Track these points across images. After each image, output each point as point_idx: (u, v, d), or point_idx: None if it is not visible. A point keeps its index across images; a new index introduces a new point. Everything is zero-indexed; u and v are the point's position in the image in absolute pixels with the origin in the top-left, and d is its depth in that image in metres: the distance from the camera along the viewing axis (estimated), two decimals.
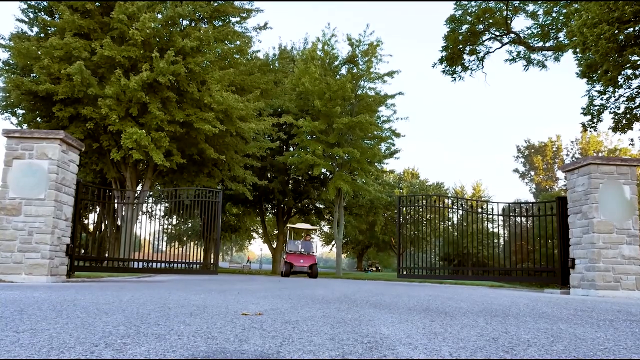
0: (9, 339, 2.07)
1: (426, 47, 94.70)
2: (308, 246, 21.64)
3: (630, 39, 11.68)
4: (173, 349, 1.98)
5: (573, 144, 45.74)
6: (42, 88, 13.70)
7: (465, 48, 21.03)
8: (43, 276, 7.39)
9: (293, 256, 19.94)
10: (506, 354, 2.15)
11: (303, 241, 21.95)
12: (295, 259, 19.73)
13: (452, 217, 14.06)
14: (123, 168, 16.71)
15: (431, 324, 3.17)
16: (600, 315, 4.29)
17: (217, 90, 14.88)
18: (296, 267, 19.17)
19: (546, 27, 19.80)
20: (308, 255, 20.34)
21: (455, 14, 20.29)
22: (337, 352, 2.05)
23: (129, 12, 14.22)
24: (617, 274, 8.20)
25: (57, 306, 3.50)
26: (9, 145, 7.71)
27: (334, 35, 24.13)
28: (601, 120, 14.78)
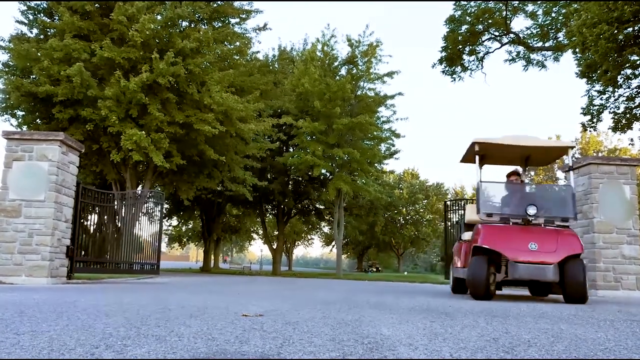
0: (9, 341, 2.07)
1: (426, 48, 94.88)
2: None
3: (629, 38, 11.68)
4: (173, 350, 1.98)
5: (573, 144, 45.77)
6: (41, 90, 13.70)
7: (465, 48, 21.03)
8: (43, 278, 7.38)
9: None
10: (507, 354, 2.15)
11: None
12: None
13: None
14: (123, 169, 16.71)
15: (432, 324, 3.17)
16: (600, 316, 4.29)
17: (216, 92, 14.87)
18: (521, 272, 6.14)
19: (545, 27, 19.81)
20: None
21: (455, 15, 20.29)
22: (338, 353, 2.05)
23: (129, 13, 14.21)
24: (617, 274, 8.20)
25: (58, 308, 3.50)
26: (8, 147, 7.71)
27: (333, 36, 24.15)
28: (601, 120, 14.78)
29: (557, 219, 6.22)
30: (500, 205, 6.66)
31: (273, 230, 39.21)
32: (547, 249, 5.79)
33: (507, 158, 7.56)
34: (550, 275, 5.68)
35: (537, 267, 5.72)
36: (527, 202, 6.32)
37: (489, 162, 7.61)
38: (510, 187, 6.92)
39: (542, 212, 6.28)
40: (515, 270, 5.75)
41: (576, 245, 5.90)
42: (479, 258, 5.88)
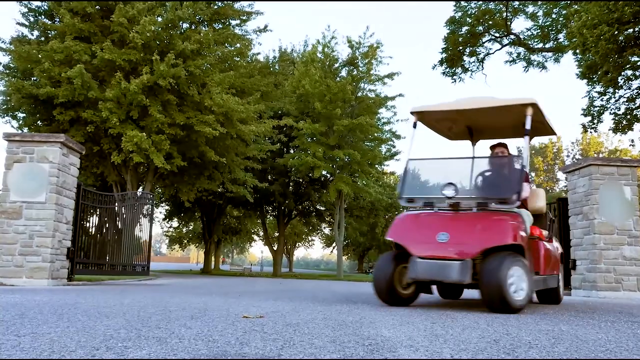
0: (10, 343, 2.07)
1: (426, 49, 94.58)
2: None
3: (630, 40, 11.69)
4: (174, 352, 1.98)
5: (574, 145, 45.75)
6: (42, 91, 13.72)
7: (465, 50, 21.04)
8: (44, 280, 7.39)
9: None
10: (507, 355, 2.15)
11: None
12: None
13: None
14: (124, 171, 16.72)
15: (432, 325, 3.17)
16: (601, 317, 4.29)
17: (217, 93, 14.89)
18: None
19: (546, 28, 19.82)
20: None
21: (455, 16, 20.31)
22: (338, 354, 2.05)
23: (129, 15, 14.24)
24: (618, 275, 8.19)
25: (58, 310, 3.50)
26: (9, 149, 7.72)
27: (334, 38, 24.18)
28: (601, 121, 14.79)
29: (492, 200, 4.64)
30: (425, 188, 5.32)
31: (274, 232, 39.21)
32: (459, 241, 4.36)
33: (460, 130, 6.15)
34: (455, 274, 4.18)
35: (440, 263, 4.29)
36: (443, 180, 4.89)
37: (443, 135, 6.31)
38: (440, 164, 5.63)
39: (472, 192, 4.99)
40: (413, 268, 4.39)
41: (503, 235, 4.35)
42: (386, 255, 4.86)
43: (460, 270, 4.20)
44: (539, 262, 4.92)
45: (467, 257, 4.22)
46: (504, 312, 4.13)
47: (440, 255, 4.35)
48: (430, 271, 4.36)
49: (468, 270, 4.20)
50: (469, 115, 5.56)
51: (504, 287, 4.06)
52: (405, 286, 4.79)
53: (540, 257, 4.94)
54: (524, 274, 4.25)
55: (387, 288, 4.63)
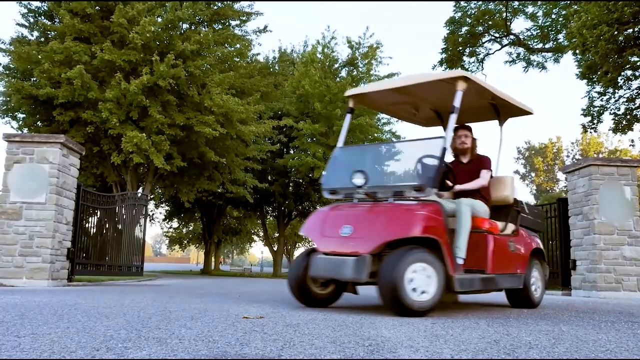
0: (10, 344, 2.07)
1: (426, 49, 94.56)
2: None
3: (629, 40, 11.70)
4: (174, 352, 1.98)
5: (573, 145, 45.74)
6: (42, 92, 13.73)
7: (465, 50, 21.04)
8: (44, 280, 7.39)
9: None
10: (508, 356, 2.15)
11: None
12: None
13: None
14: (124, 172, 16.73)
15: (432, 326, 3.17)
16: (602, 317, 4.29)
17: (217, 94, 14.90)
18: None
19: (546, 28, 19.83)
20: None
21: (455, 16, 20.32)
22: (339, 355, 2.05)
23: (129, 16, 14.25)
24: (618, 275, 8.19)
25: (59, 310, 3.50)
26: (9, 150, 7.73)
27: (333, 38, 24.19)
28: (601, 122, 14.79)
29: (406, 188, 4.07)
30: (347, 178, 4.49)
31: (274, 232, 39.19)
32: (360, 234, 3.89)
33: (428, 115, 5.75)
34: (349, 271, 3.73)
35: (337, 260, 3.88)
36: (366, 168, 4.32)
37: (413, 122, 6.01)
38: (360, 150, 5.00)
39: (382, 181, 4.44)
40: (313, 265, 4.04)
41: (406, 227, 3.83)
42: (303, 251, 4.50)
43: (355, 267, 3.72)
44: (486, 258, 4.38)
45: (365, 253, 3.75)
46: (403, 314, 3.67)
47: (339, 250, 3.95)
48: (327, 268, 3.95)
49: (364, 267, 3.70)
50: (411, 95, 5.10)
51: (398, 287, 3.56)
52: (321, 285, 4.39)
53: (487, 253, 4.39)
54: (433, 272, 3.74)
55: (298, 286, 4.26)
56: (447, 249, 3.92)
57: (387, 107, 5.67)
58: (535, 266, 5.15)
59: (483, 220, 4.50)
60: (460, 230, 4.23)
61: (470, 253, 4.31)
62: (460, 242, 4.18)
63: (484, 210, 4.63)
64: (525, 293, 4.96)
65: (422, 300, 3.70)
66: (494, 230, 4.55)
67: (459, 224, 4.25)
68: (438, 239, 3.88)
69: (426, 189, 3.94)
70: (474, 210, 4.45)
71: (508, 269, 4.65)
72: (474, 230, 4.38)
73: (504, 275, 4.56)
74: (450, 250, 3.97)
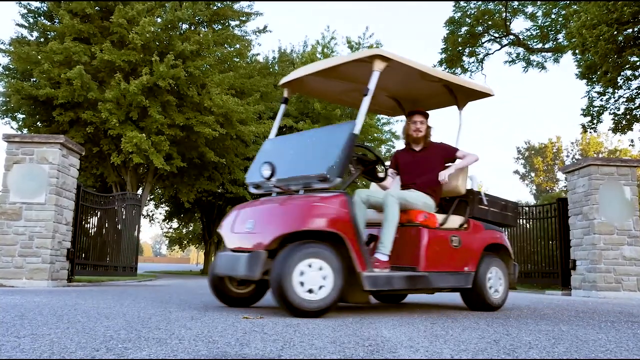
0: (10, 344, 2.07)
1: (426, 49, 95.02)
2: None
3: (629, 40, 11.70)
4: (174, 353, 1.98)
5: (573, 145, 45.74)
6: (42, 93, 13.73)
7: (465, 50, 21.05)
8: (44, 281, 7.39)
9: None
10: (507, 356, 2.15)
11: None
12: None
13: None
14: (123, 172, 16.73)
15: (432, 326, 3.17)
16: (601, 317, 4.29)
17: (217, 94, 14.90)
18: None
19: (545, 28, 19.84)
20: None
21: (454, 16, 20.32)
22: (339, 355, 2.05)
23: (129, 16, 14.25)
24: (618, 275, 8.20)
25: (58, 311, 3.50)
26: (9, 150, 7.73)
27: (333, 38, 24.17)
28: (601, 122, 14.79)
29: (312, 179, 3.78)
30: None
31: None
32: (259, 229, 3.69)
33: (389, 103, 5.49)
34: (242, 268, 3.52)
35: (233, 256, 3.73)
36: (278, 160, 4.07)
37: (380, 112, 5.85)
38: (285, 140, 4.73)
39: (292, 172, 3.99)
40: (216, 263, 3.96)
41: (300, 220, 3.54)
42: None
43: (247, 264, 3.49)
44: (418, 254, 4.07)
45: (261, 248, 3.52)
46: (294, 314, 3.44)
47: (240, 246, 3.79)
48: (225, 265, 3.81)
49: (258, 264, 3.45)
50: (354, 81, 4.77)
51: (285, 284, 3.34)
52: (239, 284, 4.19)
53: (419, 248, 4.08)
54: (329, 269, 3.48)
55: (215, 285, 4.12)
56: (354, 244, 3.60)
57: (335, 96, 5.39)
58: (494, 264, 4.61)
59: (417, 213, 4.18)
60: (385, 224, 3.98)
61: (402, 249, 4.11)
62: (384, 237, 3.94)
63: (422, 202, 4.29)
64: (478, 293, 4.46)
65: (314, 299, 3.44)
66: (430, 224, 4.19)
67: (384, 217, 4.02)
68: (340, 233, 3.56)
69: (329, 179, 3.65)
70: (407, 202, 4.17)
71: (449, 266, 4.25)
72: (407, 224, 4.16)
73: (442, 273, 4.17)
74: (359, 245, 3.62)
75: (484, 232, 4.66)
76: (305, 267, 3.41)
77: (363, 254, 3.64)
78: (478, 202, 4.73)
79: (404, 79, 4.78)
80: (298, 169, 3.96)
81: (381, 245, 3.93)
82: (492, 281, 4.56)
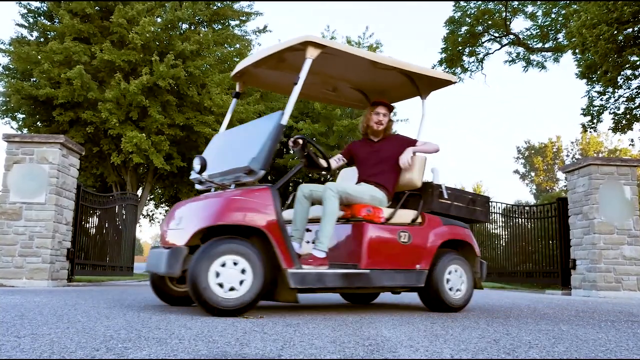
0: (10, 344, 2.07)
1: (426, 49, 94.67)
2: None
3: (629, 39, 11.70)
4: (174, 352, 1.98)
5: (573, 145, 45.74)
6: (42, 92, 13.73)
7: (465, 50, 21.03)
8: (44, 281, 7.39)
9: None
10: (507, 355, 2.15)
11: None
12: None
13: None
14: (123, 172, 16.73)
15: (432, 325, 3.17)
16: (601, 317, 4.29)
17: (217, 94, 14.91)
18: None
19: (545, 28, 19.83)
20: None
21: (454, 16, 20.32)
22: (339, 354, 2.05)
23: (129, 16, 14.25)
24: (618, 274, 8.20)
25: (58, 311, 3.50)
26: (9, 150, 7.73)
27: (333, 38, 24.17)
28: (601, 121, 14.78)
29: (239, 173, 3.66)
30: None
31: None
32: (184, 224, 3.61)
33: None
34: (163, 265, 3.40)
35: (157, 253, 3.63)
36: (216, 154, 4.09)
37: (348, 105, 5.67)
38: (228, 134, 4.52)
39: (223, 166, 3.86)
40: (147, 261, 3.87)
41: (215, 215, 3.41)
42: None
43: (167, 261, 3.36)
44: (359, 251, 3.87)
45: (180, 245, 3.42)
46: (211, 313, 3.33)
47: (167, 243, 3.70)
48: (151, 262, 3.70)
49: (178, 261, 3.34)
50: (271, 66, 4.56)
51: (199, 282, 3.22)
52: (177, 282, 4.06)
53: (361, 245, 3.89)
54: (248, 266, 3.35)
55: (153, 283, 4.04)
56: (277, 239, 3.46)
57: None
58: (455, 262, 4.33)
59: (361, 208, 3.97)
60: (323, 218, 3.80)
61: (345, 246, 3.99)
62: (321, 233, 3.76)
63: (369, 195, 4.09)
64: (433, 293, 4.20)
65: (231, 297, 3.31)
66: (374, 219, 3.98)
67: (322, 211, 3.84)
68: (261, 227, 3.42)
69: (254, 171, 3.54)
70: (350, 195, 3.97)
71: (397, 264, 4.01)
72: (351, 219, 4.01)
73: (388, 271, 3.95)
74: (284, 240, 3.48)
75: (442, 228, 4.35)
76: (223, 264, 3.30)
77: (289, 249, 3.49)
78: (438, 195, 4.43)
79: (357, 69, 4.60)
80: (228, 163, 3.85)
81: (317, 241, 3.75)
82: (452, 280, 4.28)
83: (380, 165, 4.32)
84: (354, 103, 5.53)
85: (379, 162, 4.33)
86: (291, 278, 3.47)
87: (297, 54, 4.04)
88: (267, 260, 3.45)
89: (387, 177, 4.29)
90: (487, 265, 4.72)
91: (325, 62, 4.33)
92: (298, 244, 3.91)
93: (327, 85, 5.11)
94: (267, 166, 3.56)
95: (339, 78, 4.89)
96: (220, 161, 3.96)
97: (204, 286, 3.24)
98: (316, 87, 5.11)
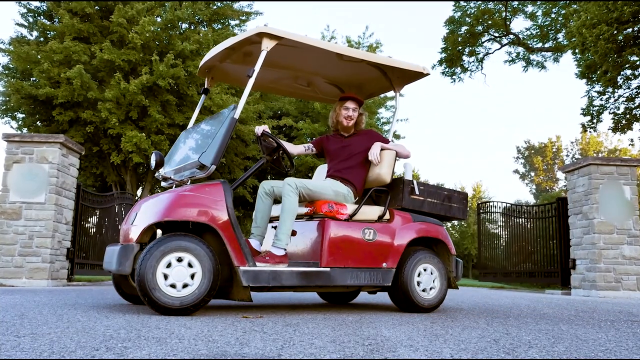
0: (9, 344, 2.07)
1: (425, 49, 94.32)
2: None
3: (629, 39, 11.70)
4: (174, 352, 1.98)
5: (573, 145, 45.78)
6: (42, 92, 13.72)
7: (465, 49, 21.04)
8: (44, 280, 7.39)
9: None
10: (507, 355, 2.16)
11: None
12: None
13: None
14: (123, 172, 16.73)
15: (432, 325, 3.17)
16: (601, 316, 4.29)
17: (216, 93, 14.91)
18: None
19: (545, 28, 19.83)
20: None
21: (454, 16, 20.32)
22: (338, 354, 2.05)
23: (129, 15, 14.25)
24: (618, 274, 8.21)
25: (58, 310, 3.50)
26: (9, 150, 7.73)
27: (333, 37, 24.17)
28: (601, 121, 14.78)
29: (192, 168, 3.64)
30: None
31: None
32: (136, 221, 3.54)
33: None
34: (114, 263, 3.35)
35: (110, 250, 3.62)
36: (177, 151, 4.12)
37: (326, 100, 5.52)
38: (191, 131, 4.45)
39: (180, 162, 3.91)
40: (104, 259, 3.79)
41: (163, 211, 3.34)
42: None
43: (118, 258, 3.31)
44: (319, 249, 3.78)
45: (131, 242, 3.38)
46: (158, 312, 3.27)
47: (121, 240, 3.65)
48: (105, 260, 3.67)
49: (128, 259, 3.29)
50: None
51: (146, 280, 3.15)
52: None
53: (321, 242, 3.78)
54: (197, 263, 3.27)
55: (116, 282, 4.05)
56: (229, 236, 3.38)
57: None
58: (426, 260, 4.14)
59: (322, 204, 3.85)
60: (281, 215, 3.71)
61: (305, 243, 3.91)
62: (279, 229, 3.67)
63: (333, 190, 3.97)
64: (402, 293, 4.03)
65: (178, 295, 3.23)
66: (336, 215, 3.86)
67: (281, 207, 3.74)
68: (211, 223, 3.35)
69: (205, 167, 3.47)
70: (312, 191, 3.86)
71: (361, 262, 3.87)
72: (313, 215, 3.91)
73: (351, 269, 3.82)
74: (236, 237, 3.40)
75: (411, 225, 4.15)
76: (171, 261, 3.23)
77: (241, 247, 3.41)
78: (410, 192, 4.25)
79: (326, 63, 4.44)
80: (183, 159, 3.85)
81: (275, 238, 3.66)
82: (422, 279, 4.10)
83: (349, 160, 4.21)
84: (330, 98, 5.32)
85: (348, 157, 4.23)
86: (243, 276, 3.38)
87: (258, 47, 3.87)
88: (218, 258, 3.37)
89: (355, 173, 4.19)
90: (462, 264, 4.56)
91: (291, 55, 4.22)
92: (258, 242, 3.84)
93: (301, 80, 4.97)
94: (218, 161, 3.47)
95: (311, 72, 4.75)
96: (178, 157, 4.00)
97: (152, 284, 3.17)
98: (288, 82, 4.99)
